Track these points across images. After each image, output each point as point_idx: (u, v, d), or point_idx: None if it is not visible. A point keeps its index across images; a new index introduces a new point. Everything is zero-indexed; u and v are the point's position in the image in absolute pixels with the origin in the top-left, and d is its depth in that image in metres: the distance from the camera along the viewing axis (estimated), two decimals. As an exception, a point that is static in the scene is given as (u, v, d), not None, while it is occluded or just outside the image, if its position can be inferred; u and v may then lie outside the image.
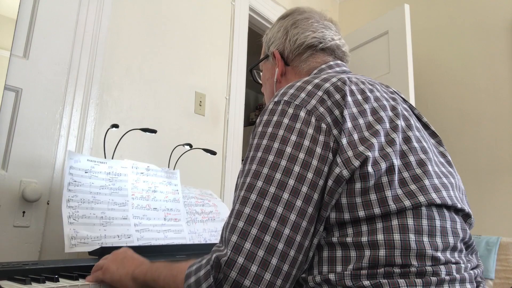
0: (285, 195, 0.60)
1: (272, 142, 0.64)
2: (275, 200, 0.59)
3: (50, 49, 1.40)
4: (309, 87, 0.69)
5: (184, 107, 1.87)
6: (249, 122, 4.41)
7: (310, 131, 0.64)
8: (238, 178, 0.68)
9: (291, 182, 0.60)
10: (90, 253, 1.05)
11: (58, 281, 0.76)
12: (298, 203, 0.59)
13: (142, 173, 1.32)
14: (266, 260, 0.56)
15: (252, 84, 4.26)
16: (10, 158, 1.26)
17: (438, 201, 0.63)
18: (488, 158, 2.27)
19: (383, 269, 0.58)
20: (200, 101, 1.94)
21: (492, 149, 2.26)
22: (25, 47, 1.34)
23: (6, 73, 1.26)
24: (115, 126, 1.37)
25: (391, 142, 0.66)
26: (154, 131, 1.45)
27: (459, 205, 0.66)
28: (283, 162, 0.62)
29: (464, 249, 0.66)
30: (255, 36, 2.55)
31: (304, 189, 0.60)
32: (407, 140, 0.68)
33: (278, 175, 0.61)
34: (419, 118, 0.81)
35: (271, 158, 0.63)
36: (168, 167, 1.58)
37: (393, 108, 0.72)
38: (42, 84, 1.36)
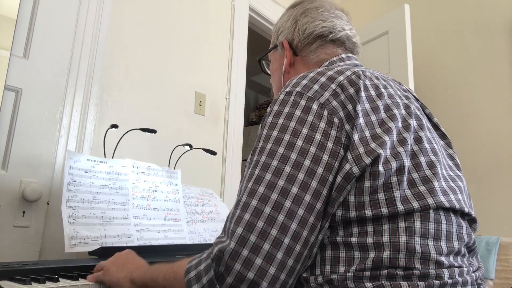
0: (294, 189, 0.58)
1: (282, 134, 0.63)
2: (284, 193, 0.58)
3: (50, 49, 1.40)
4: (323, 79, 0.67)
5: (184, 107, 1.87)
6: (249, 122, 4.41)
7: (322, 125, 0.63)
8: (246, 168, 0.66)
9: (301, 176, 0.59)
10: (90, 253, 1.05)
11: (58, 281, 0.76)
12: (307, 198, 0.58)
13: (143, 172, 1.32)
14: (271, 254, 0.55)
15: (252, 84, 4.27)
16: (10, 158, 1.26)
17: (447, 204, 0.62)
18: (488, 158, 2.26)
19: (386, 270, 0.57)
20: (200, 101, 1.94)
21: (492, 149, 2.25)
22: (25, 47, 1.34)
23: (6, 73, 1.26)
24: (115, 126, 1.37)
25: (402, 141, 0.65)
26: (154, 131, 1.45)
27: (466, 209, 0.66)
28: (294, 155, 0.60)
29: (467, 253, 0.66)
30: (255, 36, 2.55)
31: (314, 184, 0.59)
32: (418, 140, 0.67)
33: (287, 169, 0.59)
34: (429, 118, 0.80)
35: (281, 150, 0.61)
36: (168, 167, 1.58)
37: (406, 107, 0.71)
38: (42, 84, 1.36)
